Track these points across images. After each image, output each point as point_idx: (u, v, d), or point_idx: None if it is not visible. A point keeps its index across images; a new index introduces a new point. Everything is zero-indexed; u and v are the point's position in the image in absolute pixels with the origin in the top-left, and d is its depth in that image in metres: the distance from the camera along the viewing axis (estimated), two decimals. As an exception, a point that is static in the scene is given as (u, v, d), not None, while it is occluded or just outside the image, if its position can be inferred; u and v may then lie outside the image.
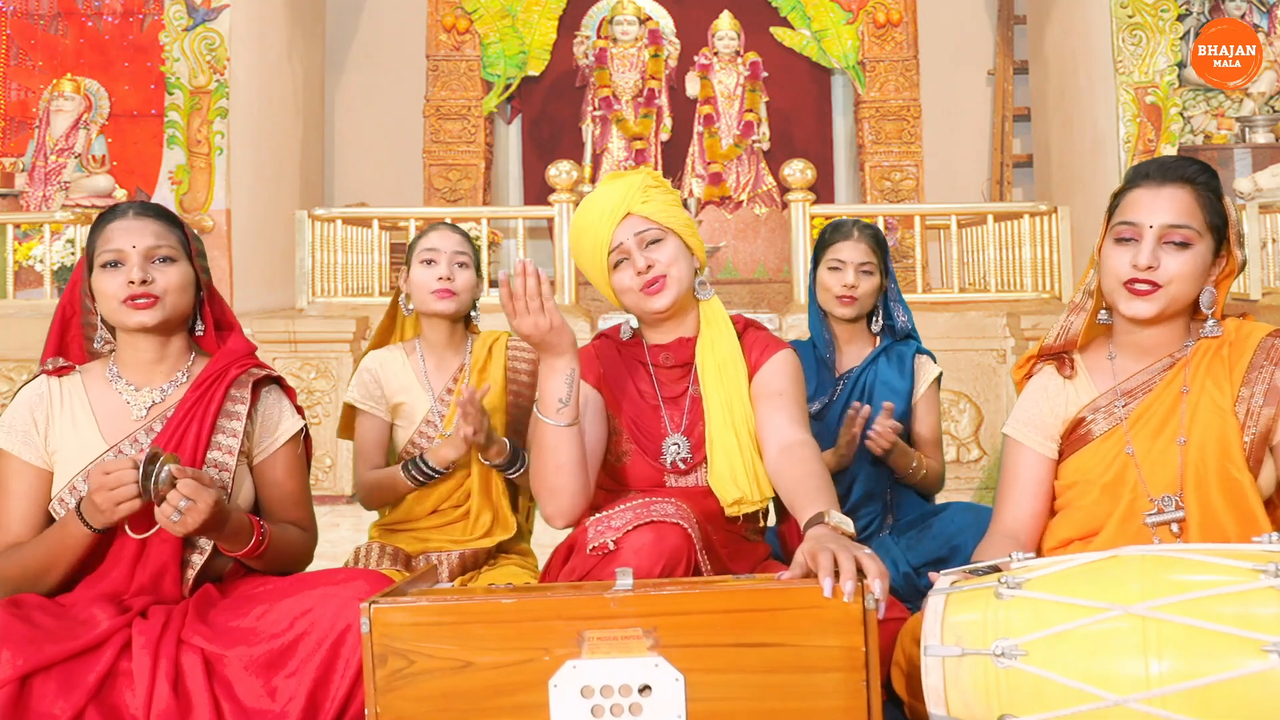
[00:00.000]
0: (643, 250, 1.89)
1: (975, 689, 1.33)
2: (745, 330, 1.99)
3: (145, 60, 6.26)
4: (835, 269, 2.49)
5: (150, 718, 1.54)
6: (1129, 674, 1.25)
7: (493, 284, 6.02)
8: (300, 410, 1.94)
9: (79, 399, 1.81)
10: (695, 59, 7.48)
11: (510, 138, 8.18)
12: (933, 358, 2.55)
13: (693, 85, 7.44)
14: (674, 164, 7.46)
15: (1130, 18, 6.19)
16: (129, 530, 1.69)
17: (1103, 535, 1.68)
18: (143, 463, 1.59)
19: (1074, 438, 1.76)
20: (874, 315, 2.55)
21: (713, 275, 7.01)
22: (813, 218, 5.33)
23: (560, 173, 5.45)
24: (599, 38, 7.65)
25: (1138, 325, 1.70)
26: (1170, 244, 1.65)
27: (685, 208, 2.08)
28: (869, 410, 2.34)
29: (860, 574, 1.37)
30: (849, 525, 1.53)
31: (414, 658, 1.38)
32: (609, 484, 1.94)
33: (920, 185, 7.54)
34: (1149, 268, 1.63)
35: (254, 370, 1.86)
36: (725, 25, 7.42)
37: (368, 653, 1.38)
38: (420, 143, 7.68)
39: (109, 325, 1.83)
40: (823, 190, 7.15)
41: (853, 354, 2.54)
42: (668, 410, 1.95)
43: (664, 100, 7.49)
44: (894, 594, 1.91)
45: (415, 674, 1.38)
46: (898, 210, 6.49)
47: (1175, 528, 1.65)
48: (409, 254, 2.40)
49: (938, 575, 1.54)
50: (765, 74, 7.46)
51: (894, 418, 2.42)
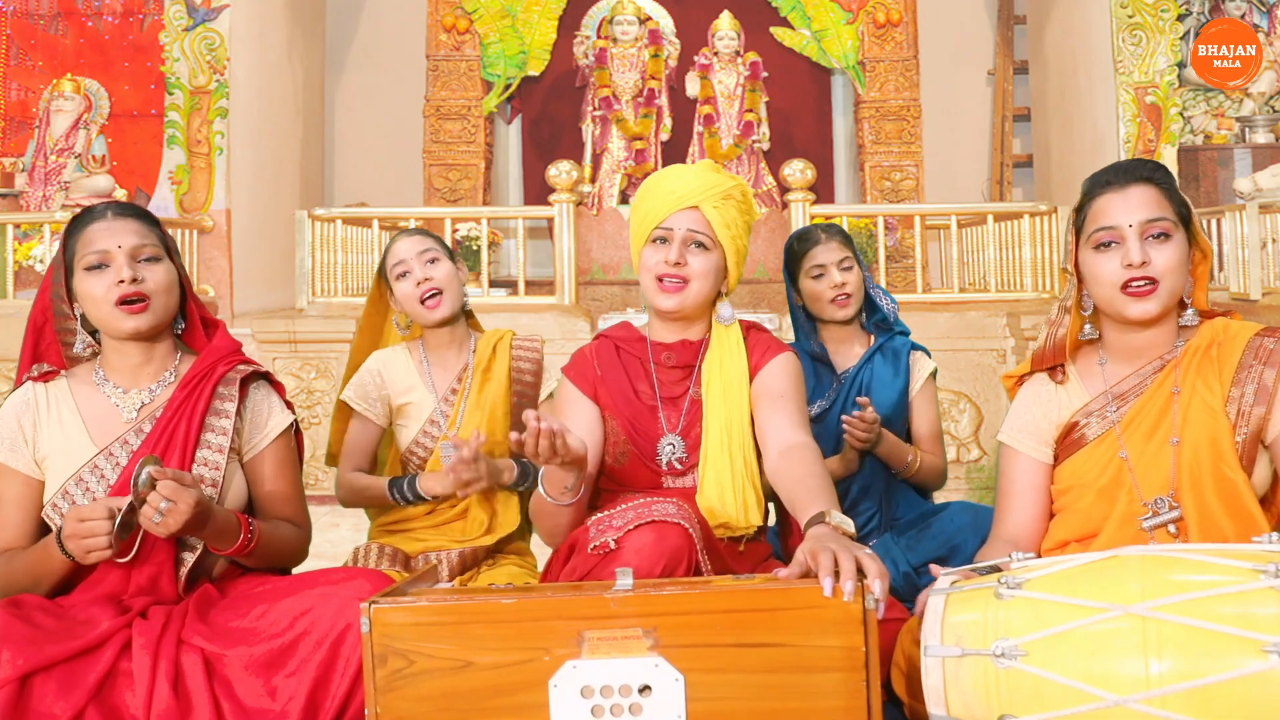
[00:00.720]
0: (684, 246, 1.88)
1: (975, 689, 1.33)
2: (747, 333, 1.98)
3: (145, 60, 6.26)
4: (819, 275, 2.49)
5: (150, 718, 1.54)
6: (1129, 674, 1.25)
7: (494, 284, 6.02)
8: (290, 405, 1.93)
9: (66, 403, 1.80)
10: (695, 59, 7.48)
11: (510, 138, 8.18)
12: (926, 353, 2.55)
13: (693, 85, 7.44)
14: (674, 164, 7.45)
15: (1130, 18, 6.19)
16: (113, 557, 1.68)
17: (1101, 538, 1.69)
18: (121, 512, 1.58)
19: (1068, 442, 1.77)
20: (861, 310, 2.55)
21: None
22: (813, 218, 5.32)
23: (560, 173, 5.45)
24: (599, 38, 7.65)
25: (1138, 328, 1.70)
26: (1152, 238, 1.66)
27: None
28: (867, 403, 2.34)
29: (860, 574, 1.37)
30: (850, 525, 1.52)
31: (414, 657, 1.38)
32: (607, 485, 1.94)
33: (920, 185, 7.54)
34: (1143, 263, 1.64)
35: (241, 367, 1.85)
36: (725, 25, 7.42)
37: (368, 652, 1.38)
38: (420, 143, 7.68)
39: (89, 329, 1.81)
40: (823, 190, 7.15)
41: (847, 354, 2.54)
42: (665, 410, 1.95)
43: (664, 100, 7.48)
44: (894, 594, 1.90)
45: (415, 674, 1.37)
46: (898, 210, 6.49)
47: (1173, 528, 1.65)
48: (384, 276, 2.37)
49: (938, 570, 1.55)
50: (765, 74, 7.46)
51: (890, 413, 2.42)
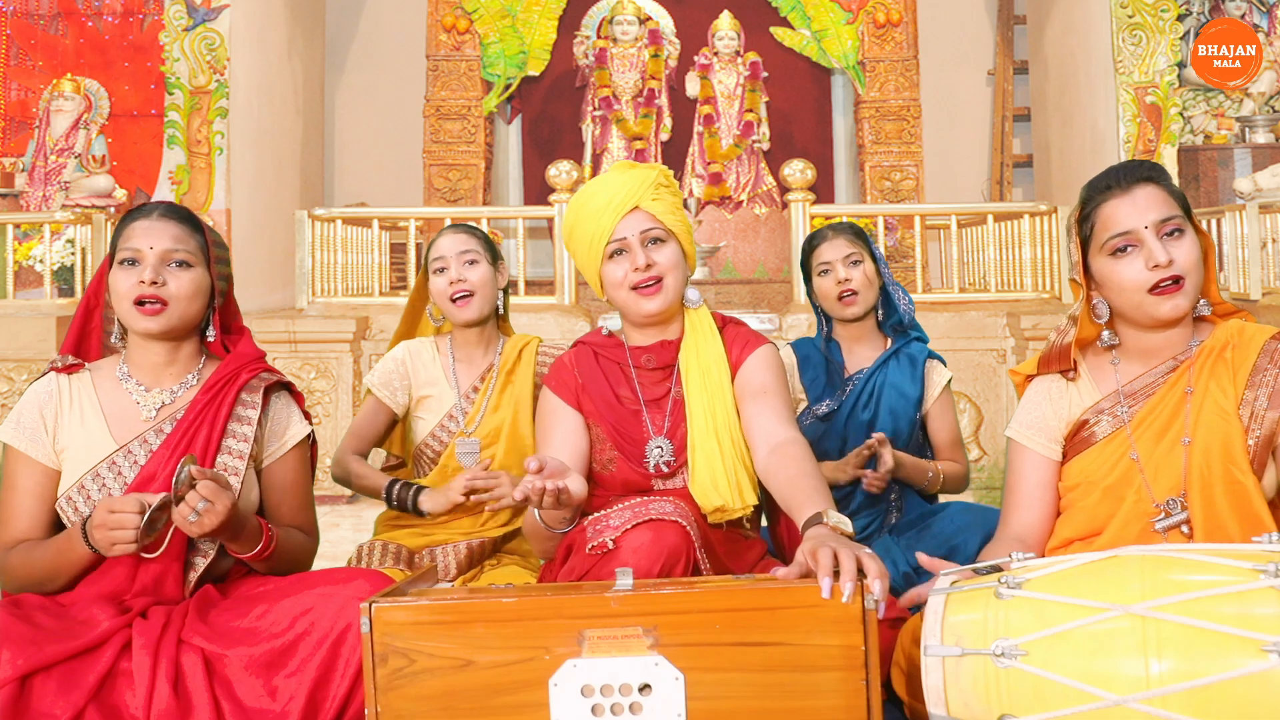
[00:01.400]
0: (644, 248, 1.87)
1: (975, 689, 1.33)
2: (725, 327, 1.97)
3: (145, 60, 6.26)
4: (825, 272, 2.50)
5: (150, 718, 1.54)
6: (1129, 674, 1.25)
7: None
8: (308, 416, 1.94)
9: (88, 397, 1.81)
10: (695, 59, 7.48)
11: (510, 138, 8.18)
12: (942, 361, 2.54)
13: (693, 85, 7.44)
14: (674, 164, 7.46)
15: (1130, 18, 6.19)
16: (141, 550, 1.69)
17: (1105, 536, 1.68)
18: (150, 508, 1.59)
19: (1077, 440, 1.76)
20: (877, 310, 2.54)
21: (712, 275, 7.01)
22: (813, 218, 5.32)
23: (560, 173, 5.45)
24: (599, 38, 7.65)
25: (1161, 328, 1.70)
26: (1167, 236, 1.66)
27: (685, 208, 2.07)
28: (882, 437, 2.33)
29: (860, 573, 1.37)
30: (847, 525, 1.52)
31: (414, 657, 1.38)
32: (597, 490, 1.93)
33: (920, 185, 7.54)
34: (1170, 262, 1.63)
35: (265, 375, 1.87)
36: (725, 25, 7.43)
37: (368, 652, 1.38)
38: (420, 143, 7.68)
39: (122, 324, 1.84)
40: (823, 190, 7.15)
41: (862, 355, 2.52)
42: (649, 414, 1.94)
43: (664, 100, 7.49)
44: (894, 594, 1.90)
45: (416, 673, 1.38)
46: (898, 210, 6.49)
47: (1186, 529, 1.64)
48: (425, 266, 2.42)
49: (935, 563, 1.54)
50: (765, 74, 7.47)
51: (905, 423, 2.41)
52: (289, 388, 1.93)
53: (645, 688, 1.35)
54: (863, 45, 7.59)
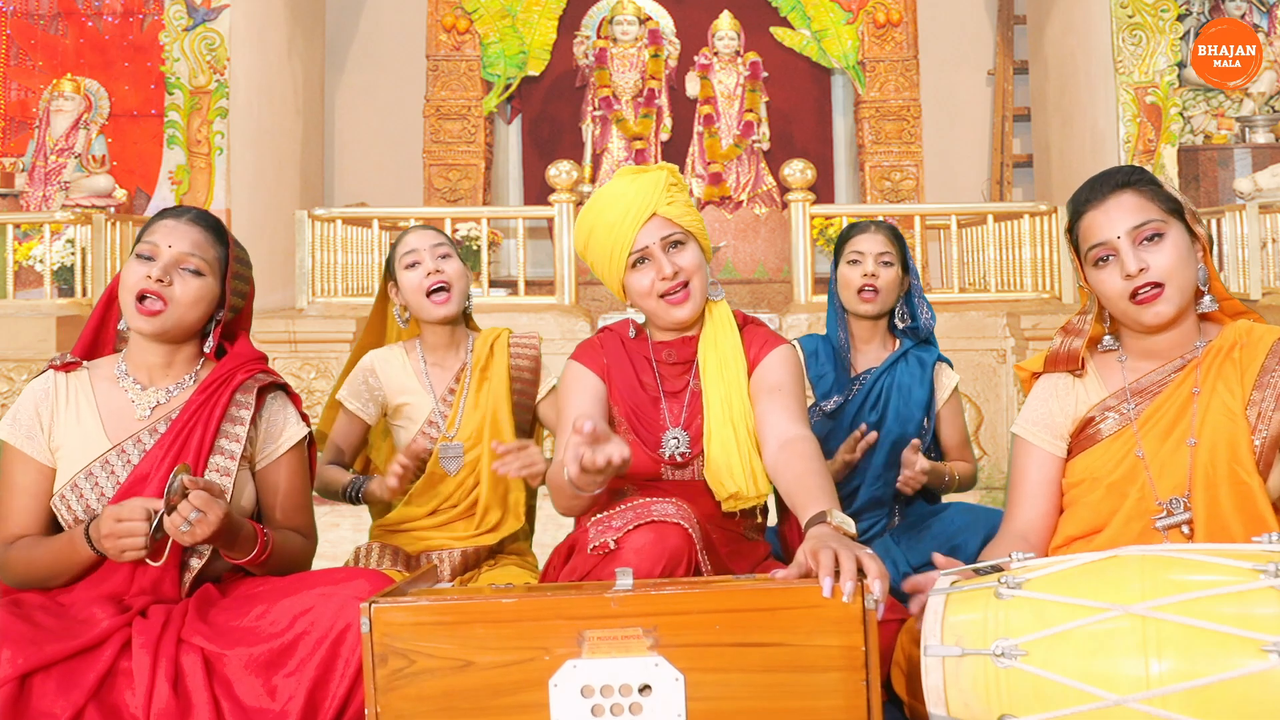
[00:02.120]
0: (667, 254, 1.88)
1: (975, 689, 1.33)
2: (744, 326, 1.98)
3: (145, 60, 6.27)
4: (855, 261, 2.48)
5: (150, 717, 1.54)
6: (1129, 674, 1.25)
7: (494, 284, 6.02)
8: (305, 418, 1.94)
9: (85, 396, 1.81)
10: (695, 59, 7.48)
11: (510, 138, 8.18)
12: (950, 364, 2.54)
13: (693, 85, 7.44)
14: (674, 164, 7.46)
15: (1130, 18, 6.20)
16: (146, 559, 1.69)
17: (1106, 533, 1.68)
18: (158, 514, 1.59)
19: (1083, 437, 1.76)
20: (895, 314, 2.53)
21: (713, 275, 7.00)
22: (813, 218, 5.33)
23: (560, 173, 5.45)
24: (599, 38, 7.65)
25: (1157, 331, 1.70)
26: (1145, 241, 1.66)
27: None
28: (875, 437, 2.33)
29: (860, 574, 1.37)
30: (850, 525, 1.52)
31: (414, 657, 1.38)
32: None
33: (920, 185, 7.54)
34: (1141, 270, 1.64)
35: (260, 376, 1.86)
36: (725, 25, 7.43)
37: (368, 652, 1.38)
38: (420, 143, 7.68)
39: None
40: (823, 190, 7.15)
41: (871, 354, 2.51)
42: (668, 404, 1.95)
43: (664, 100, 7.49)
44: (894, 594, 1.90)
45: (415, 673, 1.38)
46: (898, 210, 6.49)
47: (1187, 529, 1.64)
48: (390, 267, 2.35)
49: (949, 562, 1.54)
50: (765, 74, 7.47)
51: (913, 425, 2.40)
52: (285, 389, 1.92)
53: (645, 688, 1.35)
54: (863, 45, 7.60)
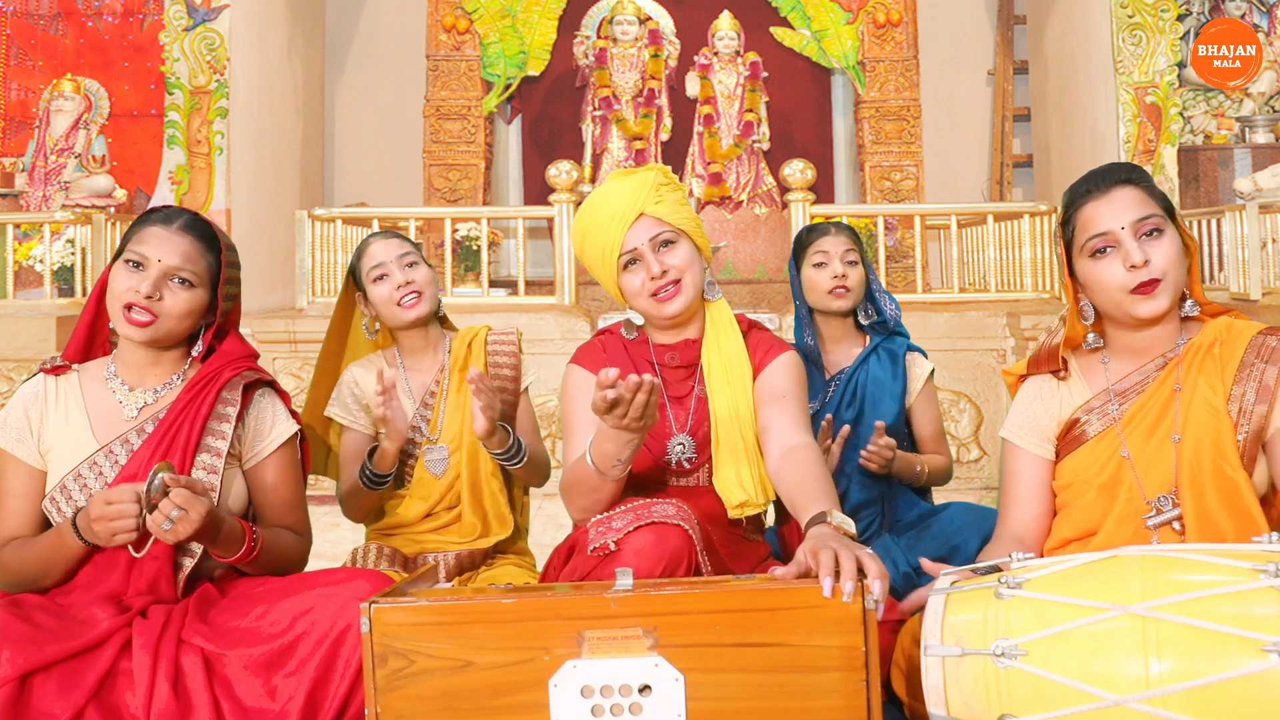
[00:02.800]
0: (656, 254, 1.87)
1: (975, 689, 1.33)
2: (749, 331, 1.98)
3: (145, 60, 6.27)
4: (821, 264, 2.48)
5: (150, 717, 1.54)
6: (1129, 674, 1.25)
7: (494, 284, 6.02)
8: (295, 415, 1.93)
9: (74, 398, 1.81)
10: (695, 59, 7.48)
11: (510, 138, 8.18)
12: (923, 353, 2.54)
13: (693, 85, 7.44)
14: (674, 164, 7.46)
15: (1130, 18, 6.20)
16: (130, 548, 1.69)
17: (1100, 535, 1.69)
18: (145, 495, 1.59)
19: (1069, 439, 1.77)
20: (861, 310, 2.54)
21: (712, 275, 7.01)
22: (813, 218, 5.33)
23: (560, 173, 5.45)
24: (599, 38, 7.65)
25: (1144, 326, 1.70)
26: (1145, 236, 1.66)
27: None
28: (847, 430, 2.33)
29: (860, 574, 1.37)
30: (851, 525, 1.52)
31: (414, 657, 1.38)
32: None
33: (920, 185, 7.54)
34: (1145, 262, 1.64)
35: (246, 373, 1.85)
36: (725, 25, 7.43)
37: (368, 652, 1.38)
38: (420, 143, 7.68)
39: None
40: (823, 190, 7.15)
41: (842, 354, 2.52)
42: (673, 410, 1.94)
43: (664, 100, 7.49)
44: (894, 594, 1.90)
45: (415, 674, 1.38)
46: (898, 210, 6.49)
47: (1177, 525, 1.65)
48: (356, 280, 2.33)
49: (937, 567, 1.54)
50: (765, 74, 7.47)
51: (889, 418, 2.41)
52: (273, 386, 1.91)
53: (645, 688, 1.35)
54: (863, 45, 7.60)
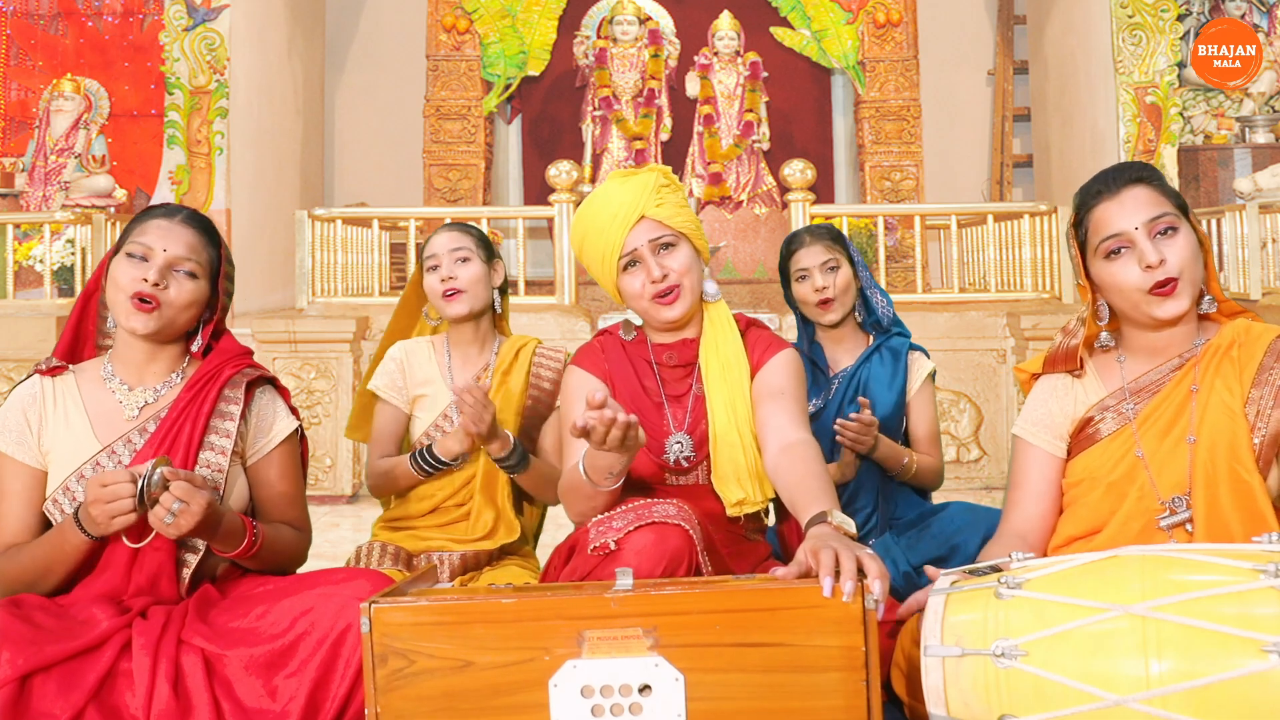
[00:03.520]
0: (656, 256, 1.87)
1: (975, 689, 1.33)
2: (748, 329, 1.98)
3: (145, 60, 6.26)
4: (803, 278, 2.51)
5: (150, 718, 1.54)
6: (1129, 674, 1.25)
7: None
8: (295, 411, 1.94)
9: (72, 399, 1.81)
10: (695, 59, 7.48)
11: (510, 138, 8.18)
12: (925, 353, 2.55)
13: (693, 85, 7.44)
14: (674, 164, 7.46)
15: (1130, 18, 6.19)
16: (125, 539, 1.69)
17: (1105, 533, 1.68)
18: (142, 477, 1.58)
19: (1082, 437, 1.76)
20: (857, 311, 2.55)
21: (712, 275, 7.00)
22: (813, 218, 5.32)
23: (560, 173, 5.45)
24: (599, 38, 7.65)
25: (1162, 327, 1.70)
26: (1160, 235, 1.66)
27: None
28: (869, 416, 2.34)
29: (861, 573, 1.37)
30: (851, 525, 1.52)
31: (414, 657, 1.38)
32: None
33: (920, 185, 7.54)
34: (1161, 262, 1.63)
35: (247, 370, 1.86)
36: (725, 25, 7.42)
37: (368, 653, 1.38)
38: (420, 143, 7.68)
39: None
40: (823, 190, 7.15)
41: (844, 354, 2.54)
42: (671, 409, 1.95)
43: (664, 100, 7.49)
44: (894, 594, 1.90)
45: (415, 674, 1.38)
46: (898, 210, 6.49)
47: (1189, 527, 1.64)
48: (420, 264, 2.43)
49: (937, 571, 1.54)
50: (765, 74, 7.47)
51: (887, 414, 2.42)
52: (274, 383, 1.92)
53: (645, 688, 1.35)
54: (863, 45, 7.59)
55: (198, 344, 1.86)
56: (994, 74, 8.13)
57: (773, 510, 2.11)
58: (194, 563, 1.75)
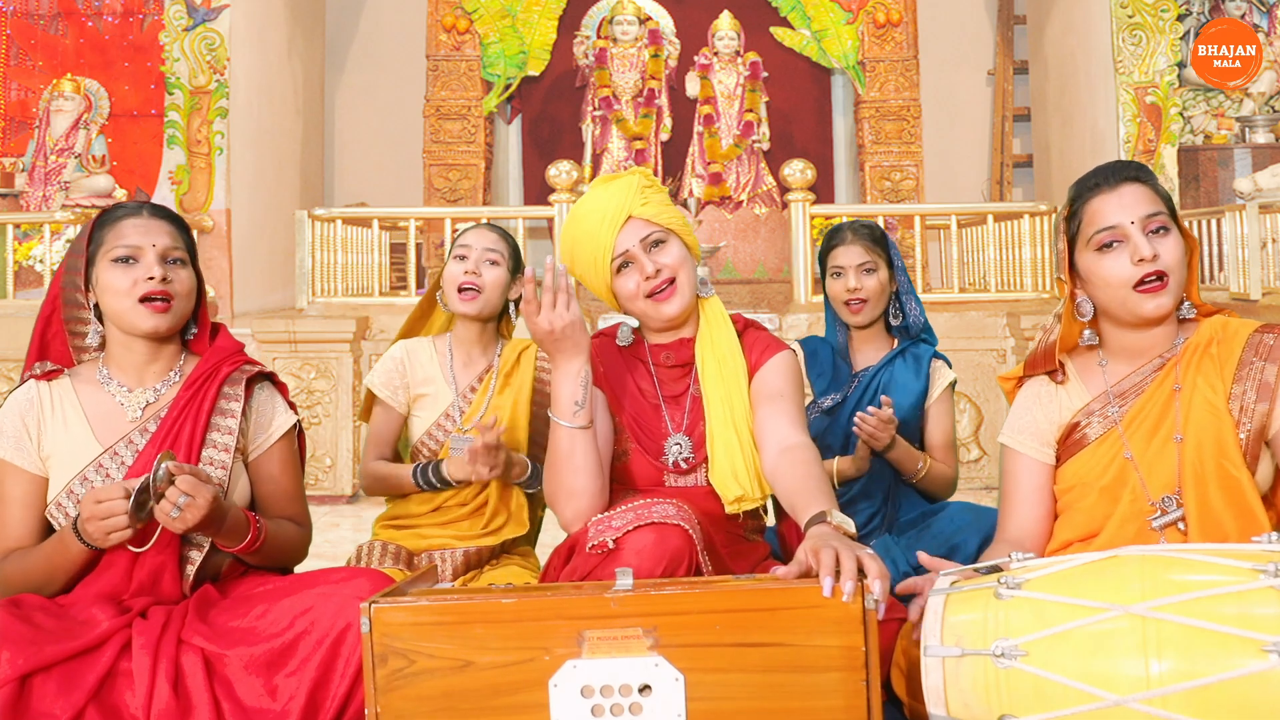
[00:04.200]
0: (648, 254, 1.88)
1: (975, 689, 1.33)
2: (745, 330, 1.98)
3: (145, 60, 6.26)
4: (837, 275, 2.50)
5: (150, 718, 1.54)
6: (1129, 674, 1.25)
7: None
8: (293, 406, 1.94)
9: (70, 402, 1.80)
10: (695, 59, 7.48)
11: (510, 138, 8.18)
12: (947, 362, 2.54)
13: (693, 85, 7.44)
14: (674, 164, 7.47)
15: (1130, 18, 6.19)
16: (129, 545, 1.68)
17: (1102, 536, 1.68)
18: (135, 491, 1.58)
19: (1070, 442, 1.77)
20: (888, 312, 2.54)
21: (713, 275, 7.01)
22: (813, 218, 5.33)
23: (560, 173, 5.45)
24: (599, 38, 7.65)
25: (1145, 326, 1.70)
26: (1153, 233, 1.66)
27: (685, 208, 2.08)
28: (889, 410, 2.33)
29: (861, 573, 1.37)
30: (850, 525, 1.52)
31: (414, 657, 1.38)
32: (609, 482, 1.94)
33: (920, 185, 7.54)
34: (1154, 256, 1.64)
35: (246, 367, 1.86)
36: (725, 25, 7.43)
37: (368, 652, 1.38)
38: (420, 143, 7.68)
39: (101, 320, 1.82)
40: (823, 190, 7.15)
41: (869, 354, 2.54)
42: (669, 410, 1.94)
43: (664, 100, 7.49)
44: (894, 594, 1.90)
45: (415, 673, 1.38)
46: (898, 210, 6.49)
47: (1182, 526, 1.64)
48: (449, 251, 2.43)
49: (936, 562, 1.54)
50: (765, 74, 7.47)
51: (904, 417, 2.41)
52: (271, 378, 1.93)
53: (645, 688, 1.35)
54: (863, 45, 7.59)
55: (193, 331, 1.86)
56: (994, 74, 8.13)
57: (772, 510, 2.11)
58: (199, 560, 1.75)
